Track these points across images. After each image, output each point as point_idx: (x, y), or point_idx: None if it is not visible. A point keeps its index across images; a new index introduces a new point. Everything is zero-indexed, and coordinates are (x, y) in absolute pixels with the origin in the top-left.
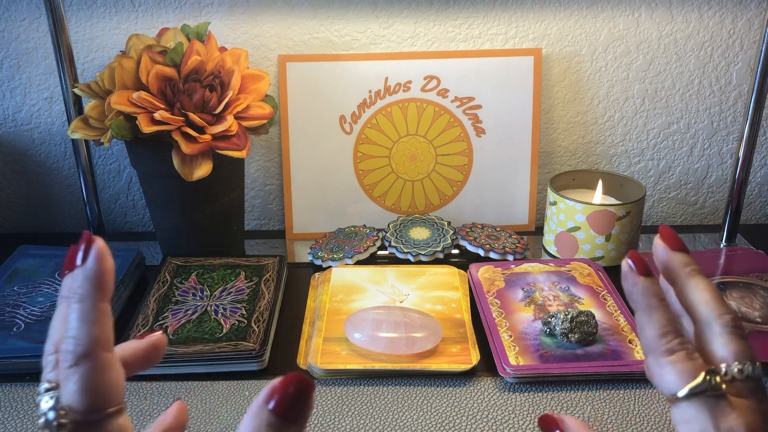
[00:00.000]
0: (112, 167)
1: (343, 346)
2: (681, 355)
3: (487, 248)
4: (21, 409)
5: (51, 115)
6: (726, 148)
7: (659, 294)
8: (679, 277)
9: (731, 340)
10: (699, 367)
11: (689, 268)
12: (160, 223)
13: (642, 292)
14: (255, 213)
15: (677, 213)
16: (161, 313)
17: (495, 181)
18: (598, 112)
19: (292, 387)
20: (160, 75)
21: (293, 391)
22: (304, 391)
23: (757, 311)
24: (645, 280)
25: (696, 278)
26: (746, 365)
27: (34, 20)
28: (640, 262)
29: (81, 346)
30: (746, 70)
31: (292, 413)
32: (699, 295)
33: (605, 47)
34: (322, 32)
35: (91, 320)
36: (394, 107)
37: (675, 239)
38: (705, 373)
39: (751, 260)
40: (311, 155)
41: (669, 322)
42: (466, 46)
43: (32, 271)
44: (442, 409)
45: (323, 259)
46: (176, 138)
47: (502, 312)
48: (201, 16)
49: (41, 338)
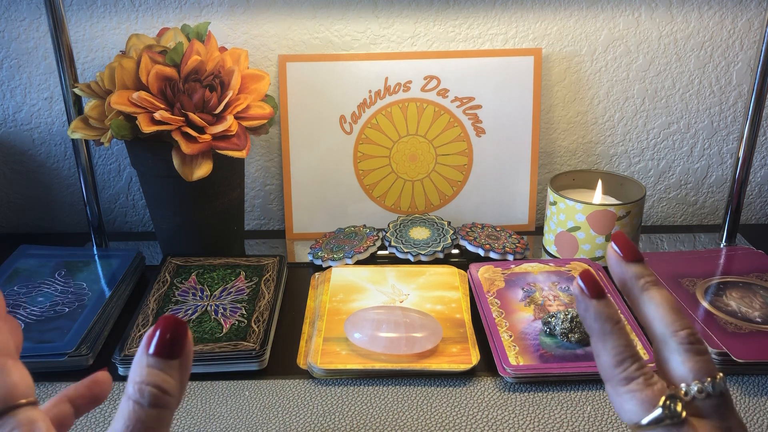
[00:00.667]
0: (112, 167)
1: (343, 346)
2: (639, 383)
3: (487, 248)
4: None
5: (51, 115)
6: (726, 148)
7: (614, 317)
8: (632, 291)
9: (688, 357)
10: (658, 393)
11: (643, 281)
12: (160, 223)
13: (594, 317)
14: (255, 213)
15: (677, 213)
16: (161, 313)
17: (495, 181)
18: (598, 112)
19: (165, 330)
20: (160, 75)
21: (168, 334)
22: (177, 330)
23: (757, 311)
24: (598, 303)
25: (650, 291)
26: (705, 383)
27: (34, 20)
28: (592, 282)
29: None
30: (746, 70)
31: (172, 352)
32: (654, 310)
33: (605, 47)
34: (322, 32)
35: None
36: (394, 107)
37: (628, 248)
38: (664, 399)
39: (751, 260)
40: (311, 155)
41: (625, 347)
42: (466, 46)
43: (32, 271)
44: (442, 409)
45: (323, 259)
46: (176, 138)
47: (502, 312)
48: (201, 16)
49: (41, 338)
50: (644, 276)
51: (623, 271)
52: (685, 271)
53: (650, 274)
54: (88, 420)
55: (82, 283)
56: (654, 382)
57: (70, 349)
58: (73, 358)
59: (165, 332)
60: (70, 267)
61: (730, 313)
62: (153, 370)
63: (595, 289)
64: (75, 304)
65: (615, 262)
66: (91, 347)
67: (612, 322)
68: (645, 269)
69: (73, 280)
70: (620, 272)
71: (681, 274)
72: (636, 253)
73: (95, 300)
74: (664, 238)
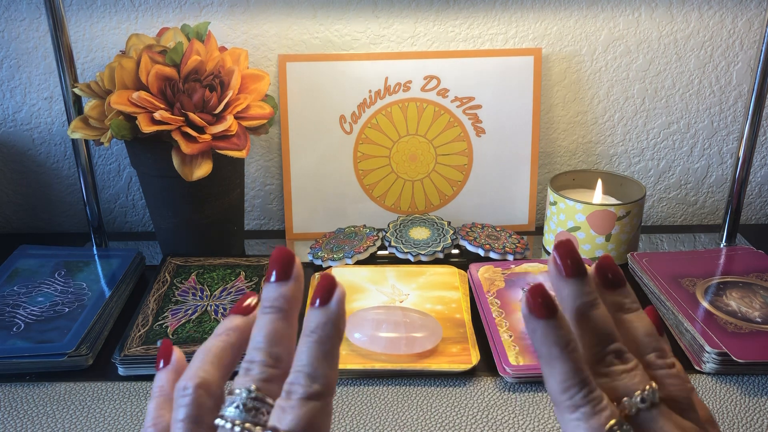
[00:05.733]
0: (112, 167)
1: (343, 346)
2: (585, 412)
3: (487, 248)
4: (21, 409)
5: (51, 115)
6: (726, 148)
7: (561, 340)
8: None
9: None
10: (605, 421)
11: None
12: (160, 223)
13: (541, 340)
14: (255, 213)
15: (677, 213)
16: (161, 312)
17: (495, 181)
18: (598, 112)
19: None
20: (160, 75)
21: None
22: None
23: (757, 311)
24: (546, 324)
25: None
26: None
27: (34, 20)
28: (539, 299)
29: (318, 385)
30: (746, 69)
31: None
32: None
33: (605, 47)
34: (322, 32)
35: (332, 364)
36: (394, 107)
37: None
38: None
39: (751, 260)
40: (311, 155)
41: (573, 372)
42: (466, 46)
43: (32, 271)
44: (442, 409)
45: (323, 259)
46: (176, 138)
47: (502, 312)
48: (201, 16)
49: (41, 338)
50: (582, 296)
51: (561, 288)
52: (685, 271)
53: (589, 292)
54: (88, 420)
55: (82, 283)
56: (601, 408)
57: (70, 349)
58: (73, 358)
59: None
60: (70, 267)
61: (730, 313)
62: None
63: (543, 307)
64: (75, 304)
65: (554, 277)
66: (91, 347)
67: (560, 345)
68: (584, 286)
69: (72, 280)
70: (558, 289)
71: (681, 274)
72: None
73: (95, 300)
74: (664, 238)
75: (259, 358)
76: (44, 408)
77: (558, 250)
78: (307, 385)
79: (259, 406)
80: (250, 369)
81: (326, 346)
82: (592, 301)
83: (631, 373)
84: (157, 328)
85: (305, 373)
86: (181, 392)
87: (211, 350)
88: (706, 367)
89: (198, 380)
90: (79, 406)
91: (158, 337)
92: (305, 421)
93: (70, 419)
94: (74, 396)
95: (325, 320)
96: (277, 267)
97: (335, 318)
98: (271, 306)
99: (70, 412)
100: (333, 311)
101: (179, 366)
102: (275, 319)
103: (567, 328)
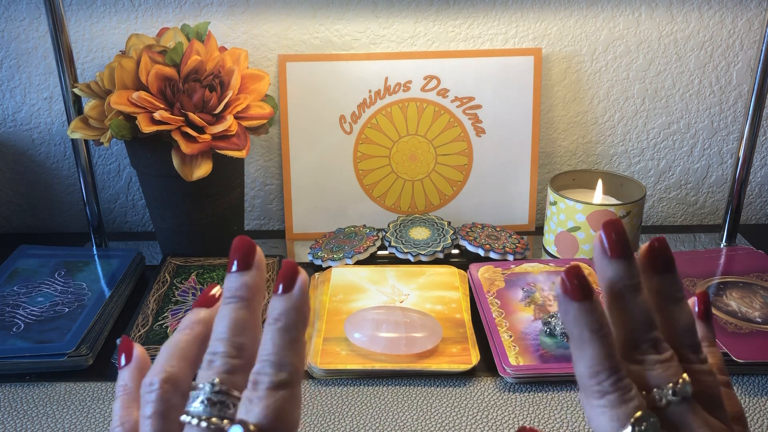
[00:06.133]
0: (112, 167)
1: (343, 346)
2: (612, 399)
3: (487, 248)
4: (21, 409)
5: (51, 115)
6: (726, 148)
7: (595, 324)
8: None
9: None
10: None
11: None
12: (160, 223)
13: (574, 322)
14: (255, 213)
15: (677, 213)
16: (161, 313)
17: (495, 181)
18: (598, 112)
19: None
20: (160, 75)
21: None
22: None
23: (757, 311)
24: (579, 306)
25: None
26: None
27: (34, 20)
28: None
29: (285, 374)
30: (746, 70)
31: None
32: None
33: (605, 47)
34: (322, 32)
35: (298, 352)
36: (394, 107)
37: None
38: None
39: (751, 260)
40: (311, 155)
41: (602, 358)
42: (466, 46)
43: (32, 271)
44: (442, 409)
45: (323, 259)
46: (176, 138)
47: (502, 312)
48: (201, 16)
49: (41, 338)
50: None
51: (605, 268)
52: (685, 271)
53: (633, 275)
54: (88, 420)
55: (82, 283)
56: (629, 398)
57: (69, 349)
58: (73, 358)
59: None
60: (70, 267)
61: (730, 313)
62: None
63: (579, 289)
64: (75, 304)
65: (598, 256)
66: (91, 347)
67: (592, 329)
68: (628, 270)
69: (72, 280)
70: (602, 269)
71: (681, 274)
72: (623, 248)
73: (95, 300)
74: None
75: (222, 348)
76: (44, 408)
77: (606, 228)
78: (274, 374)
79: (224, 399)
80: (213, 361)
81: (291, 334)
82: (635, 285)
83: (666, 363)
84: (157, 328)
85: (271, 361)
86: (147, 388)
87: (177, 344)
88: None
89: (164, 375)
90: (79, 406)
91: (158, 337)
92: (274, 412)
93: (70, 419)
94: (74, 396)
95: (289, 307)
96: (238, 256)
97: (299, 304)
98: (233, 296)
99: (70, 412)
100: (296, 297)
101: (142, 363)
102: (237, 308)
103: (601, 312)
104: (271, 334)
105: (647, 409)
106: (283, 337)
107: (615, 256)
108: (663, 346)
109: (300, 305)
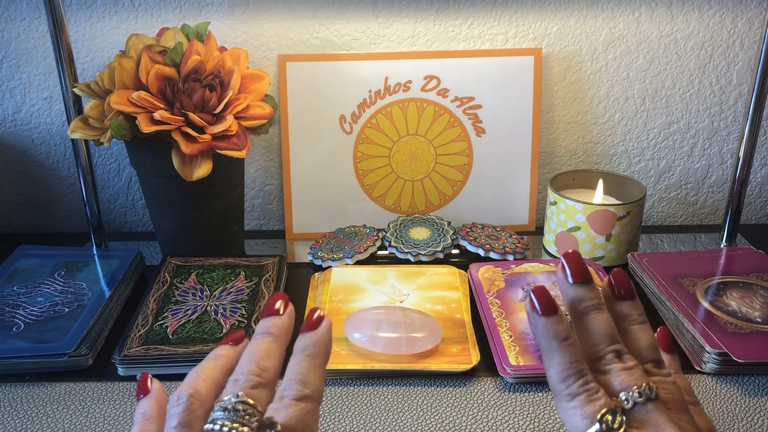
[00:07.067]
0: (111, 167)
1: (343, 346)
2: (581, 399)
3: (487, 248)
4: (21, 409)
5: (51, 115)
6: (726, 148)
7: (561, 334)
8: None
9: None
10: (599, 408)
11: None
12: (160, 223)
13: (542, 334)
14: (255, 213)
15: (677, 213)
16: (161, 313)
17: (495, 181)
18: (598, 112)
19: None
20: (160, 75)
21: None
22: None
23: (757, 311)
24: (547, 320)
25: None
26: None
27: (34, 20)
28: (543, 299)
29: (309, 390)
30: (746, 69)
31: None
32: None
33: (605, 47)
34: (322, 32)
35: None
36: (394, 107)
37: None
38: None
39: (751, 260)
40: (311, 155)
41: (570, 363)
42: (466, 45)
43: (32, 271)
44: (442, 409)
45: (323, 259)
46: (176, 138)
47: (502, 312)
48: (201, 15)
49: (41, 338)
50: (586, 300)
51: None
52: (685, 271)
53: (593, 297)
54: (88, 420)
55: (82, 283)
56: (597, 397)
57: (69, 349)
58: (73, 358)
59: None
60: (70, 267)
61: (730, 313)
62: None
63: (545, 305)
64: (75, 304)
65: (561, 282)
66: (91, 347)
67: (559, 339)
68: (589, 292)
69: (72, 280)
70: (565, 292)
71: (681, 274)
72: (582, 275)
73: (95, 300)
74: (664, 238)
75: (247, 369)
76: (44, 408)
77: (567, 258)
78: (299, 389)
79: (246, 408)
80: (237, 380)
81: (316, 360)
82: (597, 304)
83: (630, 370)
84: (157, 328)
85: (297, 380)
86: (174, 402)
87: (204, 369)
88: (706, 367)
89: (191, 390)
90: (79, 406)
91: (158, 337)
92: (298, 418)
93: (70, 419)
94: (74, 396)
95: (316, 339)
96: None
97: (324, 339)
98: (264, 332)
99: (70, 412)
100: (322, 333)
101: (160, 395)
102: (266, 341)
103: (566, 324)
104: (298, 360)
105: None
106: (309, 362)
107: (576, 281)
108: (626, 357)
109: (325, 339)
